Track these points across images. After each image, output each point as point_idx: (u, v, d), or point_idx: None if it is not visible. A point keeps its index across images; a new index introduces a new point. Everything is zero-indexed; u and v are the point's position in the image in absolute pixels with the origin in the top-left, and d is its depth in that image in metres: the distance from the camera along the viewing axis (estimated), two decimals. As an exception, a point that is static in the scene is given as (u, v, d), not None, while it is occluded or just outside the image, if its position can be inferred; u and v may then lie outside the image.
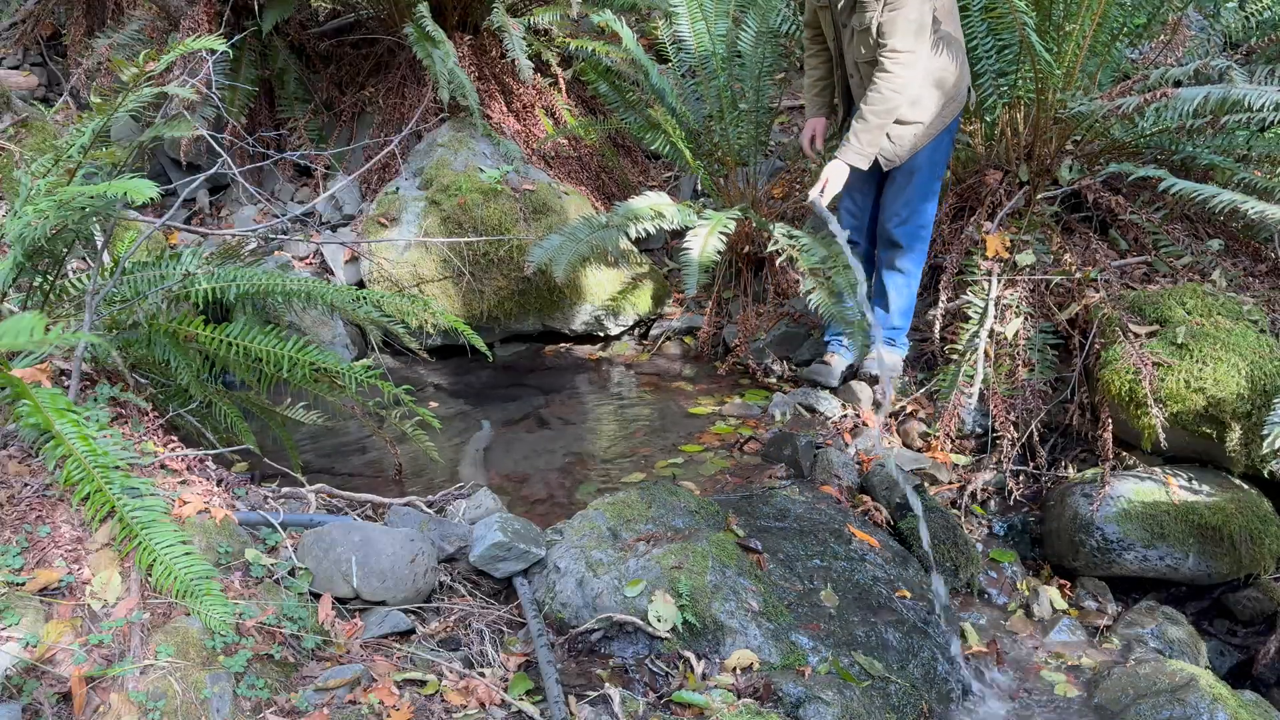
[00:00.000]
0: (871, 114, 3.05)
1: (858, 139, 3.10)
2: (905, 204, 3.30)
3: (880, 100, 3.03)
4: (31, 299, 2.64)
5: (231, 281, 2.71)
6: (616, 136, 5.40)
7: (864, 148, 3.12)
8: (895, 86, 3.00)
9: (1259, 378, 2.95)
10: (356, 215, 4.76)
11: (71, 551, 2.10)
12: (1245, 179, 3.61)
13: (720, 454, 3.41)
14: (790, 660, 2.32)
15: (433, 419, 2.95)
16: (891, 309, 3.51)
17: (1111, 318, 3.28)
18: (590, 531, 2.56)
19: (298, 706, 1.99)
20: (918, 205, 3.30)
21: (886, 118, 3.06)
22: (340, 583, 2.31)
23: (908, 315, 3.56)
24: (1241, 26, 4.37)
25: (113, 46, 4.86)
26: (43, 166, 2.49)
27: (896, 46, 2.95)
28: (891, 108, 3.04)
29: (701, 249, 3.52)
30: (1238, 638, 3.12)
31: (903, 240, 3.31)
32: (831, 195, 3.19)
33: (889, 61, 2.98)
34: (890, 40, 2.95)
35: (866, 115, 3.06)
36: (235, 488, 2.55)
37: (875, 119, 3.06)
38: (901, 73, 2.98)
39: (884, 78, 3.00)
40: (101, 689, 1.90)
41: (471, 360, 4.24)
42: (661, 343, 4.42)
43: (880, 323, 3.54)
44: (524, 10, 5.05)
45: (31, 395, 2.11)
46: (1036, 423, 3.37)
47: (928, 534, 2.80)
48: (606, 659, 2.31)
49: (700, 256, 3.49)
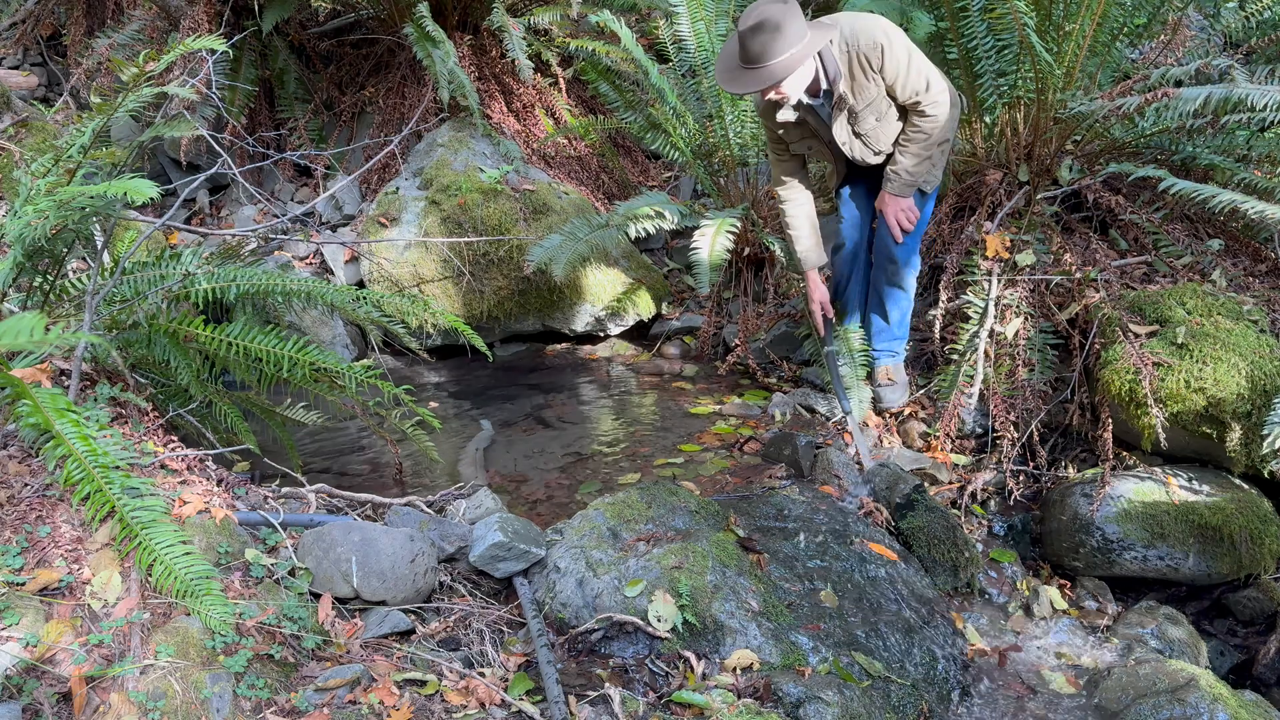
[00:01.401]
0: (922, 149, 3.12)
1: (909, 173, 3.16)
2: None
3: (924, 139, 3.09)
4: (31, 299, 2.64)
5: (231, 281, 2.71)
6: (616, 136, 5.40)
7: (916, 179, 3.19)
8: (935, 124, 3.08)
9: (1259, 378, 2.95)
10: (356, 215, 4.76)
11: (71, 551, 2.10)
12: (1245, 179, 3.61)
13: (720, 454, 3.41)
14: (790, 660, 2.31)
15: (433, 419, 2.95)
16: (891, 320, 3.51)
17: (1111, 318, 3.28)
18: (590, 531, 2.56)
19: (298, 706, 1.99)
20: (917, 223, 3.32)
21: (931, 149, 3.14)
22: (340, 583, 2.31)
23: (906, 325, 3.57)
24: (1241, 26, 4.37)
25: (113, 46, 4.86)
26: (43, 166, 2.49)
27: (929, 92, 3.00)
28: (935, 141, 3.12)
29: (711, 248, 3.51)
30: (1238, 638, 3.12)
31: (901, 257, 3.33)
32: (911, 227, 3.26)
33: (928, 106, 3.03)
34: (916, 94, 3.00)
35: (916, 152, 3.11)
36: (235, 488, 2.55)
37: (924, 151, 3.13)
38: (939, 112, 3.05)
39: (925, 120, 3.06)
40: (101, 689, 1.90)
41: (471, 360, 4.24)
42: (661, 343, 4.42)
43: (878, 332, 3.54)
44: (524, 10, 5.05)
45: (31, 395, 2.11)
46: (1036, 423, 3.37)
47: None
48: (606, 659, 2.31)
49: (710, 256, 3.49)
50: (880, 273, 3.43)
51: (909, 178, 3.16)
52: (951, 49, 3.77)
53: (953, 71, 3.96)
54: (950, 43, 3.75)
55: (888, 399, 3.56)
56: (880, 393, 3.56)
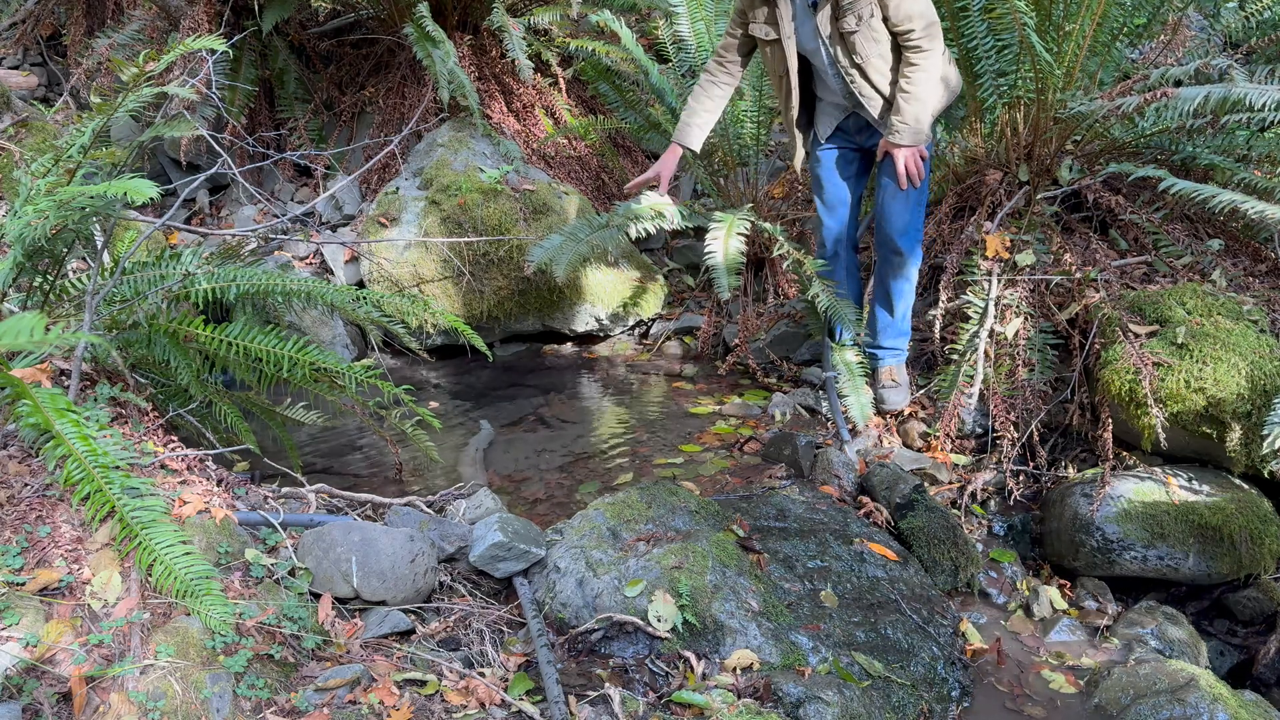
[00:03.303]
0: (921, 90, 3.03)
1: (916, 119, 3.06)
2: (906, 211, 3.28)
3: (924, 78, 3.01)
4: (31, 299, 2.64)
5: (231, 281, 2.71)
6: (616, 136, 5.39)
7: (924, 125, 3.10)
8: (933, 62, 3.01)
9: (1259, 378, 2.95)
10: (356, 215, 4.76)
11: (71, 551, 2.10)
12: (1245, 179, 3.61)
13: (720, 454, 3.41)
14: (790, 660, 2.32)
15: (433, 419, 2.95)
16: (896, 314, 3.50)
17: (1111, 318, 3.28)
18: (590, 531, 2.56)
19: (298, 706, 1.99)
20: (915, 211, 3.30)
21: (932, 91, 3.06)
22: (340, 583, 2.31)
23: (908, 319, 3.55)
24: (1241, 26, 4.37)
25: (113, 46, 4.86)
26: (43, 166, 2.49)
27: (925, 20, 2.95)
28: (934, 81, 3.04)
29: (725, 251, 3.48)
30: (1238, 638, 3.12)
31: (905, 248, 3.31)
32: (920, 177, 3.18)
33: (923, 40, 2.97)
34: (911, 21, 2.94)
35: (917, 94, 3.03)
36: (235, 488, 2.55)
37: (926, 92, 3.04)
38: (936, 45, 3.00)
39: (921, 55, 2.99)
40: (101, 689, 1.90)
41: (471, 360, 4.24)
42: (661, 342, 4.42)
43: (884, 328, 3.53)
44: (524, 10, 5.05)
45: (31, 395, 2.11)
46: (1036, 423, 3.37)
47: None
48: (606, 659, 2.31)
49: (726, 259, 3.46)
50: (886, 266, 3.41)
51: (917, 125, 3.07)
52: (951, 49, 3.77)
53: (953, 71, 3.97)
54: (950, 43, 3.75)
55: (891, 400, 3.53)
56: (884, 394, 3.53)
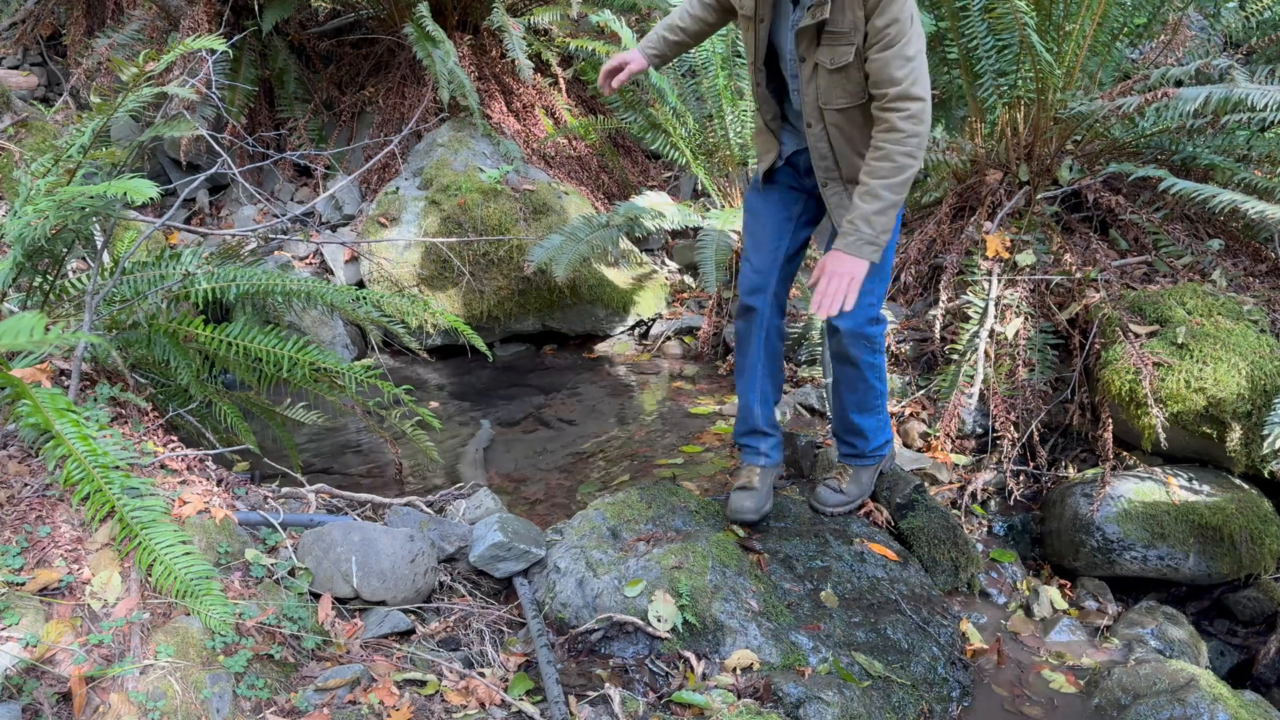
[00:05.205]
0: (886, 189, 2.27)
1: (869, 224, 2.28)
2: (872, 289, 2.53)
3: (895, 171, 2.26)
4: (31, 299, 2.64)
5: (231, 281, 2.71)
6: (616, 136, 5.40)
7: (878, 234, 2.29)
8: (911, 149, 2.25)
9: (1259, 378, 2.95)
10: (356, 215, 4.76)
11: (71, 551, 2.10)
12: (1245, 179, 3.61)
13: (720, 454, 3.40)
14: (790, 660, 2.31)
15: (433, 419, 2.95)
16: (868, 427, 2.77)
17: (1111, 318, 3.28)
18: (590, 531, 2.56)
19: (298, 706, 1.99)
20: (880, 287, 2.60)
21: (902, 191, 2.29)
22: (340, 583, 2.31)
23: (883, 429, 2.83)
24: (1242, 26, 4.37)
25: (113, 46, 4.86)
26: (43, 166, 2.49)
27: (909, 93, 2.22)
28: (908, 178, 2.28)
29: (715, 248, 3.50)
30: (1238, 638, 3.12)
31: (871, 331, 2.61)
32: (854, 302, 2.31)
33: (899, 118, 2.23)
34: (895, 88, 2.23)
35: (879, 191, 2.27)
36: (235, 488, 2.55)
37: (891, 194, 2.27)
38: (919, 130, 2.24)
39: (896, 139, 2.24)
40: (101, 689, 1.90)
41: (471, 360, 4.24)
42: (661, 342, 4.42)
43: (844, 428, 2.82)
44: (524, 10, 5.05)
45: (31, 395, 2.11)
46: (1037, 423, 3.37)
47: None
48: (606, 659, 2.31)
49: (715, 255, 3.48)
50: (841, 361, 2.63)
51: (869, 230, 2.28)
52: (951, 49, 3.78)
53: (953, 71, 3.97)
54: (950, 43, 3.76)
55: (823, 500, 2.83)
56: (818, 492, 2.84)
